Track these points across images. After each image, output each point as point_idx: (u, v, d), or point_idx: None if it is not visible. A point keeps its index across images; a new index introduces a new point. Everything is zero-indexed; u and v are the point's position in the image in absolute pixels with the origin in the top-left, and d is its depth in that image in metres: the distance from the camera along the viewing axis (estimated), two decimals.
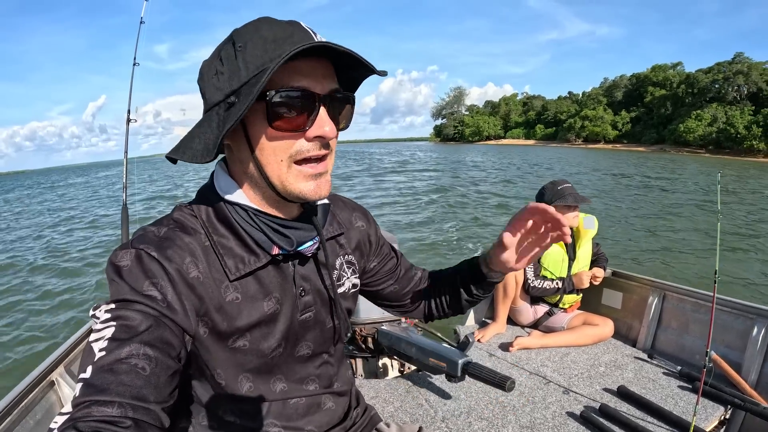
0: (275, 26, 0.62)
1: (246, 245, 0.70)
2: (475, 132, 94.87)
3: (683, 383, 1.89)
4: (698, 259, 6.77)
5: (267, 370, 0.77)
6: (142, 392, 0.53)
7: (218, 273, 0.69)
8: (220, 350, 0.71)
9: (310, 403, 0.84)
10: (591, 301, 2.59)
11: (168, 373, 0.57)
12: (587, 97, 74.74)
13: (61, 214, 16.31)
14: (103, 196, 22.42)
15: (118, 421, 0.49)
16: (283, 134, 0.63)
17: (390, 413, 1.76)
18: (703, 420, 1.64)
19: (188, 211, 0.72)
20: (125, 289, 0.60)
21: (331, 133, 0.64)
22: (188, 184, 24.44)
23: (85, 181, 41.21)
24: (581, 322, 2.35)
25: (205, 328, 0.68)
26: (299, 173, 0.65)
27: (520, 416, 1.70)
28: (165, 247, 0.65)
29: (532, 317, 2.50)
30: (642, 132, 60.43)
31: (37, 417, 1.41)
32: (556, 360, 2.14)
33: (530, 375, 2.02)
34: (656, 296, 2.30)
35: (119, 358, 0.54)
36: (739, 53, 53.32)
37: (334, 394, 0.89)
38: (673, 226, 9.35)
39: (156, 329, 0.58)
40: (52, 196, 26.29)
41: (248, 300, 0.71)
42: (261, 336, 0.73)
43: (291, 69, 0.61)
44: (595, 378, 1.96)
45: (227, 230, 0.70)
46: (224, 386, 0.74)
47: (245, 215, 0.70)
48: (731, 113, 47.17)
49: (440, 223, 10.19)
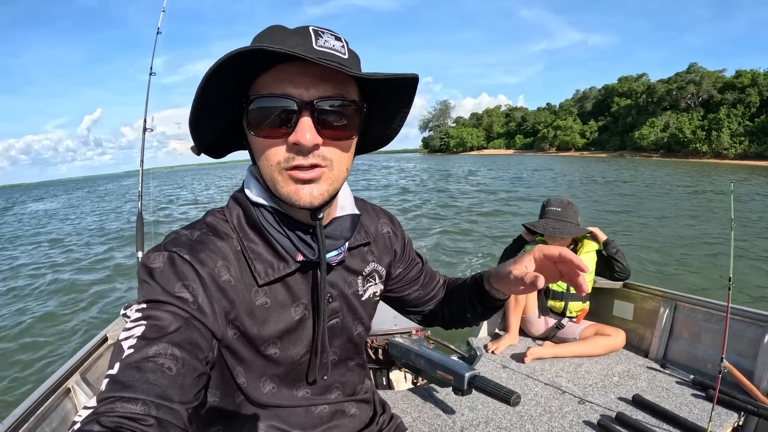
0: (279, 32, 0.63)
1: (275, 251, 0.71)
2: (460, 143, 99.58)
3: (697, 391, 1.92)
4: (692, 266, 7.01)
5: (293, 377, 0.78)
6: (168, 392, 0.53)
7: (249, 277, 0.70)
8: (250, 355, 0.71)
9: (334, 411, 0.85)
10: (603, 313, 2.62)
11: (194, 375, 0.57)
12: (561, 108, 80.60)
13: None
14: (108, 209, 22.79)
15: (141, 419, 0.49)
16: (266, 140, 0.63)
17: (408, 423, 1.78)
18: (717, 426, 1.66)
19: (220, 216, 0.73)
20: (157, 290, 0.61)
21: (311, 141, 0.61)
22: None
23: (85, 194, 42.32)
24: (593, 333, 2.38)
25: (234, 331, 0.69)
26: (288, 178, 0.64)
27: (538, 426, 1.73)
28: (197, 250, 0.66)
29: (544, 328, 2.53)
30: (608, 139, 66.66)
31: (53, 424, 1.41)
32: (570, 371, 2.17)
33: (545, 386, 2.04)
34: (667, 307, 2.33)
35: (147, 357, 0.54)
36: (693, 63, 58.99)
37: (357, 401, 0.90)
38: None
39: (185, 330, 0.59)
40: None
41: (277, 306, 0.72)
42: (290, 343, 0.74)
43: (278, 74, 0.61)
44: (610, 388, 1.99)
45: (256, 235, 0.71)
46: (245, 388, 0.74)
47: (272, 219, 0.70)
48: (681, 120, 53.84)
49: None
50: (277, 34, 0.62)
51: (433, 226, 11.03)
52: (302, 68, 0.60)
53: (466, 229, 10.46)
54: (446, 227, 10.66)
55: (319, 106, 0.61)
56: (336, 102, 0.63)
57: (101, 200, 29.78)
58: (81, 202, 30.18)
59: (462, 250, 8.35)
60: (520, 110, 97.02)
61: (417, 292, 0.99)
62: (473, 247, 8.59)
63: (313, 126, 0.61)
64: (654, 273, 6.47)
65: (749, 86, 49.09)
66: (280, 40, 0.60)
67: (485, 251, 8.05)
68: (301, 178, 0.63)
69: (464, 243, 9.04)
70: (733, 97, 50.37)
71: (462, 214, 12.91)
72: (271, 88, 0.61)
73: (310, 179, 0.64)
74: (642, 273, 6.20)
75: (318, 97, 0.61)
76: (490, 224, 11.07)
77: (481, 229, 10.46)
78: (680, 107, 56.12)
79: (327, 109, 0.62)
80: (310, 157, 0.63)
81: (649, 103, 60.62)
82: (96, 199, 31.97)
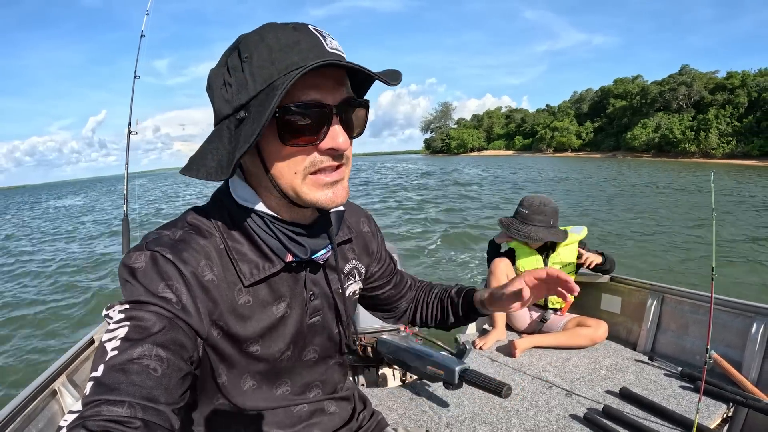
0: (280, 33, 0.60)
1: (261, 251, 0.70)
2: (460, 144, 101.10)
3: (685, 383, 1.90)
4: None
5: (274, 374, 0.77)
6: (153, 393, 0.52)
7: (232, 276, 0.69)
8: (233, 353, 0.71)
9: (313, 409, 0.85)
10: (590, 306, 2.60)
11: (179, 375, 0.57)
12: (558, 110, 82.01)
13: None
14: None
15: (128, 421, 0.48)
16: (296, 149, 0.62)
17: (394, 420, 1.75)
18: (706, 418, 1.64)
19: (203, 215, 0.72)
20: (140, 290, 0.60)
21: (345, 144, 0.62)
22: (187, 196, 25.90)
23: (104, 192, 44.91)
24: (575, 325, 2.37)
25: (218, 331, 0.68)
26: (314, 183, 0.64)
27: (524, 420, 1.70)
28: (180, 249, 0.64)
29: (528, 321, 2.51)
30: (603, 140, 67.77)
31: (39, 426, 1.39)
32: (558, 365, 2.14)
33: (532, 380, 2.02)
34: (655, 299, 2.31)
35: (131, 358, 0.53)
36: (685, 65, 60.47)
37: (337, 399, 0.90)
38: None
39: (169, 331, 0.58)
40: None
41: (259, 304, 0.71)
42: (271, 340, 0.73)
43: (301, 82, 0.59)
44: (597, 381, 1.97)
45: (242, 236, 0.70)
46: (225, 387, 0.73)
47: (261, 222, 0.69)
48: (671, 120, 54.82)
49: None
50: (283, 34, 0.60)
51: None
52: (322, 72, 0.60)
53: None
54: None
55: (344, 110, 0.63)
56: (356, 103, 0.65)
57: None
58: (109, 198, 32.34)
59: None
60: (520, 112, 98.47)
61: (389, 291, 1.01)
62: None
63: (343, 130, 0.63)
64: (632, 264, 6.59)
65: (739, 87, 49.91)
66: (292, 41, 0.59)
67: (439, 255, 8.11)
68: (329, 180, 0.64)
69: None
70: (723, 98, 51.22)
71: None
72: (298, 95, 0.60)
73: (335, 181, 0.65)
74: (625, 265, 6.27)
75: (341, 100, 0.62)
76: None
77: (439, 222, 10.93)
78: (672, 108, 57.31)
79: (350, 111, 0.65)
80: (337, 159, 0.64)
81: (643, 104, 61.60)
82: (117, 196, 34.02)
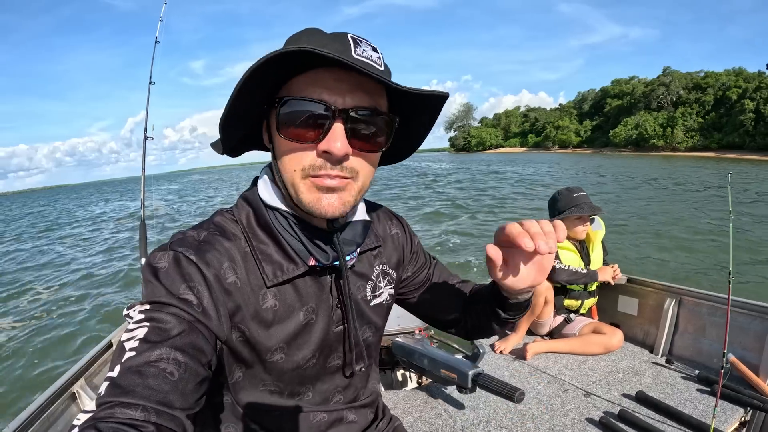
0: (316, 35, 0.61)
1: (285, 252, 0.69)
2: (479, 142, 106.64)
3: (702, 387, 1.89)
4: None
5: (297, 381, 0.76)
6: (168, 398, 0.51)
7: (257, 279, 0.68)
8: (252, 359, 0.70)
9: (333, 419, 0.83)
10: (607, 309, 2.60)
11: (196, 380, 0.56)
12: (563, 109, 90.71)
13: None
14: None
15: (140, 425, 0.48)
16: (294, 144, 0.62)
17: (409, 424, 1.79)
18: (722, 422, 1.63)
19: (229, 216, 0.72)
20: (161, 291, 0.59)
21: (342, 150, 0.60)
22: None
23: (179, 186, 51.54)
24: (590, 331, 2.36)
25: (239, 335, 0.67)
26: (312, 185, 0.63)
27: (539, 424, 1.72)
28: (204, 251, 0.64)
29: (548, 328, 2.52)
30: (597, 138, 74.11)
31: (58, 429, 1.41)
32: (574, 368, 2.15)
33: (548, 383, 2.03)
34: (672, 301, 2.30)
35: (148, 361, 0.52)
36: (667, 67, 66.30)
37: (357, 407, 0.88)
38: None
39: (189, 334, 0.57)
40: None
41: (286, 308, 0.70)
42: (296, 347, 0.73)
43: (312, 78, 0.60)
44: (614, 384, 1.97)
45: (267, 236, 0.70)
46: (236, 385, 0.72)
47: (285, 222, 0.69)
48: (646, 118, 60.46)
49: None
50: (315, 37, 0.61)
51: None
52: (338, 75, 0.59)
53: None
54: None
55: (352, 115, 0.60)
56: (370, 113, 0.62)
57: (207, 188, 40.72)
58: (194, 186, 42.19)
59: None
60: (536, 111, 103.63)
61: (426, 295, 0.95)
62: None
63: (344, 135, 0.60)
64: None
65: (710, 86, 55.89)
66: (319, 43, 0.59)
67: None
68: (325, 186, 0.62)
69: None
70: (695, 96, 57.66)
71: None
72: (306, 91, 0.60)
73: (333, 187, 0.63)
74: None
75: (353, 106, 0.60)
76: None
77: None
78: (652, 107, 63.62)
79: (360, 119, 0.61)
80: (337, 168, 0.62)
81: (632, 104, 67.81)
82: (198, 188, 42.97)
